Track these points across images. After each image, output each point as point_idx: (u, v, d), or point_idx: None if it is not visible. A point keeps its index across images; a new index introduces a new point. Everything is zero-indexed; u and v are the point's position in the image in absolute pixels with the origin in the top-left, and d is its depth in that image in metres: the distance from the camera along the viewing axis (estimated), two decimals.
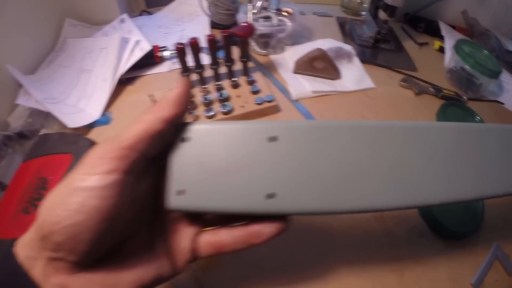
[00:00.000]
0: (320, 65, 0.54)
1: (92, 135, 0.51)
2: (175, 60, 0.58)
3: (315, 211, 0.19)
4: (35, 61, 0.62)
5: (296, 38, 0.64)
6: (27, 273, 0.15)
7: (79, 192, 0.15)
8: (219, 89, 0.50)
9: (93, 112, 0.54)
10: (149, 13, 0.73)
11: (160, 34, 0.67)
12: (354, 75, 0.57)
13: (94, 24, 0.70)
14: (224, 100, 0.48)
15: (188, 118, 0.47)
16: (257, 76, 0.52)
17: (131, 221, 0.18)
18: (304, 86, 0.52)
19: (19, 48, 0.57)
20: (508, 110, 0.68)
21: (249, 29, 0.47)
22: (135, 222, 0.19)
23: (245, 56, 0.50)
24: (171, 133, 0.19)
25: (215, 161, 0.19)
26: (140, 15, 0.73)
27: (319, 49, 0.54)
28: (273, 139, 0.19)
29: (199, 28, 0.66)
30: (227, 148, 0.19)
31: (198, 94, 0.49)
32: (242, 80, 0.51)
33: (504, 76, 0.79)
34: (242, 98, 0.49)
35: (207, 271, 0.33)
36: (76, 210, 0.15)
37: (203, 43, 0.47)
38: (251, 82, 0.51)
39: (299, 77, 0.55)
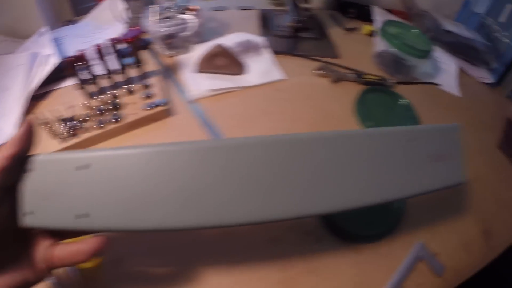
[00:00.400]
0: (221, 61, 0.53)
1: None
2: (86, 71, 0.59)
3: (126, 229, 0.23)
4: None
5: (208, 35, 0.63)
6: None
7: None
8: (114, 97, 0.50)
9: (7, 130, 0.55)
10: (73, 22, 0.73)
11: (80, 43, 0.67)
12: (261, 68, 0.56)
13: (21, 38, 0.70)
14: (116, 109, 0.48)
15: (80, 132, 0.47)
16: (154, 80, 0.52)
17: None
18: (202, 85, 0.52)
19: None
20: (444, 91, 0.66)
21: (135, 34, 0.47)
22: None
23: (137, 61, 0.50)
24: (19, 166, 0.23)
25: (48, 187, 0.23)
26: (64, 25, 0.73)
27: (219, 45, 0.53)
28: (82, 167, 0.23)
29: (115, 35, 0.65)
30: (50, 176, 0.23)
31: (94, 105, 0.50)
32: (138, 85, 0.51)
33: (442, 56, 0.76)
34: (135, 105, 0.49)
35: (90, 272, 0.33)
36: None
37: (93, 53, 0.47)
38: (146, 87, 0.50)
39: (201, 76, 0.54)
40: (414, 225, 0.39)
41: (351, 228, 0.37)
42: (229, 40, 0.58)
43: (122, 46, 0.48)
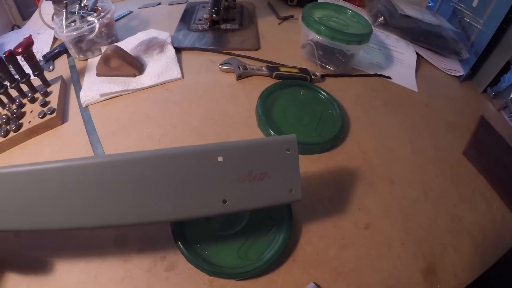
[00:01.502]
0: (115, 63, 0.53)
1: None
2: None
3: None
4: None
5: (125, 34, 0.63)
6: None
7: None
8: (19, 106, 0.54)
9: None
10: (19, 27, 0.77)
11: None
12: (158, 67, 0.55)
13: None
14: (17, 117, 0.52)
15: None
16: (54, 87, 0.54)
17: None
18: (93, 90, 0.53)
19: None
20: (397, 85, 0.57)
21: (26, 43, 0.49)
22: None
23: (35, 69, 0.52)
24: None
25: None
26: (12, 29, 0.77)
27: (112, 45, 0.53)
28: None
29: (45, 41, 0.68)
30: None
31: (1, 114, 0.54)
32: (39, 93, 0.54)
33: (396, 44, 0.67)
34: (33, 113, 0.52)
35: None
36: None
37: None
38: (44, 95, 0.53)
39: (98, 80, 0.55)
40: (309, 264, 0.33)
41: (215, 257, 0.34)
42: (135, 39, 0.58)
43: (12, 57, 0.50)
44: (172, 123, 0.49)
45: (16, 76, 0.54)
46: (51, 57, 0.62)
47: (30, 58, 0.52)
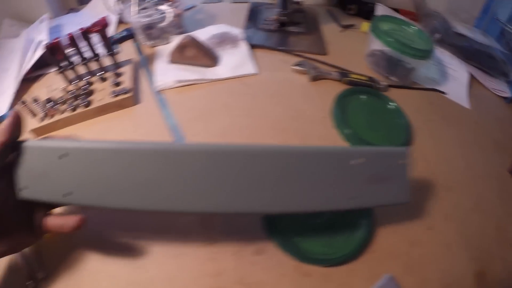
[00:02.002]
0: (190, 52, 0.53)
1: None
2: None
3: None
4: None
5: (192, 26, 0.63)
6: None
7: None
8: (88, 83, 0.53)
9: (1, 107, 0.60)
10: (76, 11, 0.77)
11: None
12: (233, 61, 0.55)
13: (28, 23, 0.76)
14: (87, 94, 0.51)
15: (55, 113, 0.51)
16: (126, 69, 0.54)
17: None
18: (168, 76, 0.53)
19: None
20: (450, 100, 0.59)
21: (102, 23, 0.49)
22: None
23: (109, 50, 0.52)
24: (10, 150, 0.28)
25: (35, 168, 0.29)
26: (68, 13, 0.77)
27: (188, 36, 0.53)
28: (62, 155, 0.28)
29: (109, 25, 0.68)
30: (38, 159, 0.29)
31: (70, 89, 0.53)
32: (110, 73, 0.53)
33: (451, 61, 0.69)
34: (103, 92, 0.51)
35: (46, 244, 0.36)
36: None
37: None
38: (117, 75, 0.53)
39: (172, 67, 0.55)
40: (384, 257, 0.34)
41: (307, 244, 0.34)
42: (207, 32, 0.58)
43: (86, 35, 0.50)
44: (252, 115, 0.49)
45: (86, 55, 0.54)
46: (117, 41, 0.62)
47: (105, 38, 0.52)
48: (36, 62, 0.63)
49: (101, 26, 0.49)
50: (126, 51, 0.60)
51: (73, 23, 0.75)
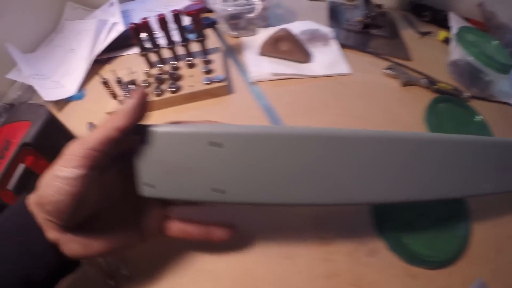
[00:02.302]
0: (285, 46, 0.50)
1: (68, 108, 0.55)
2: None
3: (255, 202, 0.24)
4: (38, 40, 0.67)
5: (274, 21, 0.61)
6: (35, 220, 0.22)
7: (58, 179, 0.20)
8: (174, 68, 0.49)
9: (70, 88, 0.57)
10: None
11: (149, 15, 0.68)
12: (327, 59, 0.53)
13: (93, 8, 0.73)
14: (175, 79, 0.48)
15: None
16: (215, 56, 0.51)
17: (101, 200, 0.24)
18: (264, 68, 0.49)
19: (23, 28, 0.63)
20: None
21: (199, 7, 0.46)
22: (106, 200, 0.24)
23: (199, 35, 0.49)
24: (127, 136, 0.23)
25: (169, 161, 0.23)
26: None
27: (284, 29, 0.50)
28: (215, 144, 0.23)
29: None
30: (178, 150, 0.23)
31: (154, 73, 0.49)
32: (198, 60, 0.50)
33: None
34: (193, 78, 0.48)
35: None
36: (56, 192, 0.20)
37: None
38: (206, 62, 0.49)
39: (264, 59, 0.52)
40: (476, 260, 0.34)
41: (415, 246, 0.33)
42: (295, 27, 0.56)
43: (184, 18, 0.47)
44: (352, 115, 0.46)
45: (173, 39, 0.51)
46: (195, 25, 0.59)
47: (198, 22, 0.49)
48: (109, 45, 0.60)
49: (198, 9, 0.46)
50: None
51: (142, 9, 0.72)
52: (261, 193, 0.24)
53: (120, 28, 0.60)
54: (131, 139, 0.23)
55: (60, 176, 0.20)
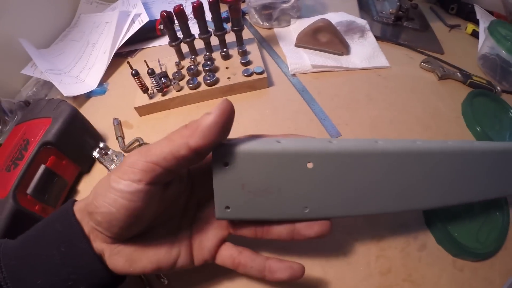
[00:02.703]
0: (324, 37, 0.48)
1: (89, 104, 0.52)
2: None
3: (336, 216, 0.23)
4: (52, 36, 0.64)
5: (306, 12, 0.58)
6: (82, 229, 0.20)
7: (113, 191, 0.18)
8: (208, 59, 0.47)
9: (91, 82, 0.54)
10: None
11: (170, 7, 0.65)
12: (365, 51, 0.50)
13: (108, 1, 0.70)
14: (210, 70, 0.45)
15: (174, 88, 0.44)
16: (251, 47, 0.48)
17: (159, 215, 0.21)
18: (303, 60, 0.47)
19: (37, 23, 0.60)
20: None
21: None
22: (164, 216, 0.22)
23: (237, 25, 0.46)
24: (201, 156, 0.19)
25: (251, 181, 0.21)
26: None
27: (323, 19, 0.48)
28: (304, 164, 0.21)
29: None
30: (262, 170, 0.21)
31: (186, 64, 0.47)
32: (234, 51, 0.47)
33: None
34: (230, 70, 0.45)
35: None
36: (110, 204, 0.18)
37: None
38: (243, 53, 0.47)
39: (301, 50, 0.49)
40: None
41: (462, 238, 0.33)
42: (330, 18, 0.53)
43: (218, 7, 0.44)
44: (396, 109, 0.44)
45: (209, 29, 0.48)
46: (224, 19, 0.56)
47: (237, 10, 0.46)
48: (131, 37, 0.57)
49: None
50: None
51: (161, 1, 0.69)
52: (341, 207, 0.23)
53: (144, 19, 0.57)
54: (205, 159, 0.20)
55: (116, 188, 0.18)
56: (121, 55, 0.57)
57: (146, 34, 0.58)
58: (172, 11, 0.44)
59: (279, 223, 0.23)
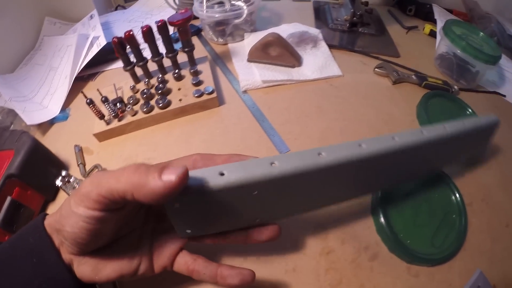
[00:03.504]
0: (274, 51, 0.49)
1: (52, 130, 0.52)
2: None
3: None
4: (17, 59, 0.64)
5: (261, 24, 0.59)
6: (53, 241, 0.22)
7: (74, 215, 0.20)
8: (161, 82, 0.48)
9: (53, 108, 0.55)
10: (124, 8, 0.72)
11: (130, 26, 0.66)
12: (317, 61, 0.51)
13: (72, 21, 0.71)
14: (163, 93, 0.46)
15: (129, 113, 0.45)
16: (203, 66, 0.49)
17: (120, 230, 0.24)
18: (254, 75, 0.48)
19: (1, 47, 0.59)
20: (509, 102, 0.58)
21: (186, 16, 0.44)
22: (124, 229, 0.24)
23: (187, 46, 0.47)
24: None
25: (204, 212, 0.23)
26: (116, 9, 0.72)
27: (273, 33, 0.49)
28: (255, 191, 0.22)
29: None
30: (212, 203, 0.22)
31: (142, 87, 0.48)
32: (186, 71, 0.48)
33: (507, 64, 0.68)
34: (182, 91, 0.46)
35: None
36: (73, 225, 0.20)
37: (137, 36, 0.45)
38: (194, 74, 0.48)
39: (253, 66, 0.50)
40: (474, 251, 0.34)
41: (415, 245, 0.34)
42: (283, 31, 0.54)
43: (169, 29, 0.45)
44: (347, 118, 0.45)
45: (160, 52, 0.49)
46: (177, 39, 0.57)
47: (186, 32, 0.47)
48: (91, 60, 0.58)
49: (184, 19, 0.44)
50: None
51: (123, 19, 0.70)
52: (288, 211, 0.26)
53: (102, 42, 0.57)
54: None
55: (76, 212, 0.20)
56: (83, 79, 0.58)
57: (106, 56, 0.58)
58: (123, 37, 0.45)
59: (234, 230, 0.26)
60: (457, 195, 0.38)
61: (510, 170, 0.44)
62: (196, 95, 0.45)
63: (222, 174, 0.21)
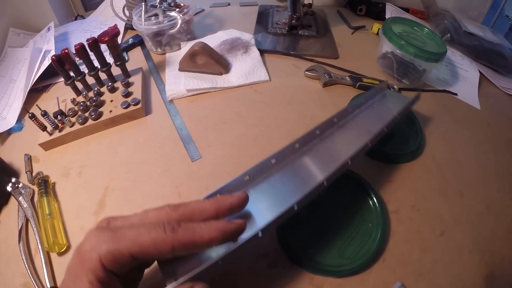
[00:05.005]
0: (201, 60, 0.52)
1: (9, 140, 0.57)
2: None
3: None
4: None
5: (201, 32, 0.62)
6: None
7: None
8: (97, 94, 0.51)
9: (10, 120, 0.60)
10: (83, 17, 0.76)
11: (85, 38, 0.70)
12: (244, 67, 0.54)
13: (34, 31, 0.75)
14: (96, 105, 0.50)
15: (67, 124, 0.49)
16: (136, 78, 0.52)
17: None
18: (179, 85, 0.51)
19: None
20: (461, 102, 0.57)
21: (113, 32, 0.47)
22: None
23: (118, 59, 0.51)
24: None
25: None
26: (76, 19, 0.76)
27: (199, 43, 0.52)
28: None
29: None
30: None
31: (80, 101, 0.52)
32: (119, 83, 0.52)
33: (461, 61, 0.67)
34: (114, 103, 0.50)
35: None
36: None
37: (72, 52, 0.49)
38: (125, 85, 0.51)
39: (182, 75, 0.53)
40: (397, 262, 0.34)
41: (320, 255, 0.33)
42: (217, 38, 0.57)
43: (98, 46, 0.48)
44: (265, 124, 0.48)
45: (96, 65, 0.52)
46: (124, 49, 0.61)
47: (115, 47, 0.50)
48: (45, 72, 0.62)
49: (111, 35, 0.47)
50: (135, 59, 0.59)
51: (80, 30, 0.74)
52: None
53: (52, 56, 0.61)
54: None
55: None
56: (37, 90, 0.62)
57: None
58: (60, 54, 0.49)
59: None
60: (376, 201, 0.37)
61: (452, 173, 0.44)
62: (123, 106, 0.49)
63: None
